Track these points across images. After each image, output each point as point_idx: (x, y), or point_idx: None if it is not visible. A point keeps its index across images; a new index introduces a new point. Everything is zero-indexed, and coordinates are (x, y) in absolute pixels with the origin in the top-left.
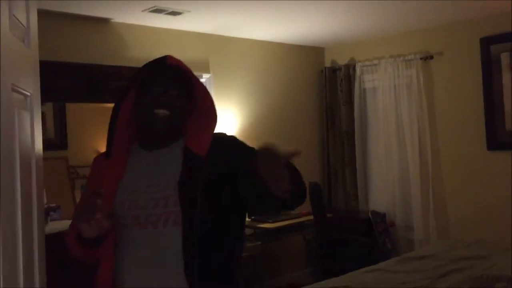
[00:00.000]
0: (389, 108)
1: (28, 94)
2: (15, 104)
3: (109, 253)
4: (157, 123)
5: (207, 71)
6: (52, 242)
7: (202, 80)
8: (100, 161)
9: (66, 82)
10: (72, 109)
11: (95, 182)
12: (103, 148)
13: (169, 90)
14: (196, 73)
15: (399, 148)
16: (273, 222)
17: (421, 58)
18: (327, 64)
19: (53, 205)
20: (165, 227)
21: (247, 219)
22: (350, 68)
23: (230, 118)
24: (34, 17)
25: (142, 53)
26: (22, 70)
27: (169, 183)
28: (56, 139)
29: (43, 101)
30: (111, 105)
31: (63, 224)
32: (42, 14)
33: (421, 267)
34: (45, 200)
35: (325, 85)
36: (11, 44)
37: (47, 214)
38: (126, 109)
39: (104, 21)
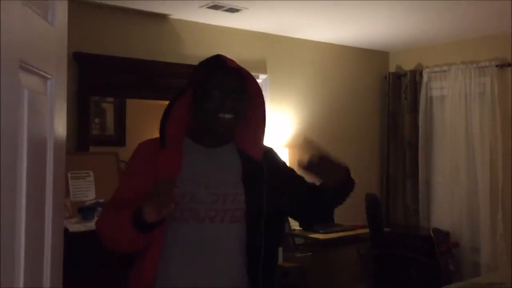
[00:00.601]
0: (458, 118)
1: (49, 76)
2: (23, 84)
3: (158, 242)
4: (221, 126)
5: (264, 72)
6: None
7: (259, 80)
8: (149, 148)
9: (120, 77)
10: (132, 106)
11: (145, 167)
12: None
13: (232, 95)
14: (252, 74)
15: (467, 162)
16: (325, 233)
17: (497, 66)
18: (392, 69)
19: (101, 200)
20: (221, 223)
21: (298, 228)
22: (416, 74)
23: (286, 122)
24: None
25: (198, 51)
26: (39, 49)
27: (229, 181)
28: (116, 136)
29: (96, 95)
30: (165, 102)
31: None
32: (100, 8)
33: None
34: (93, 196)
35: (388, 91)
36: (23, 15)
37: (93, 209)
38: (181, 105)
39: (162, 17)
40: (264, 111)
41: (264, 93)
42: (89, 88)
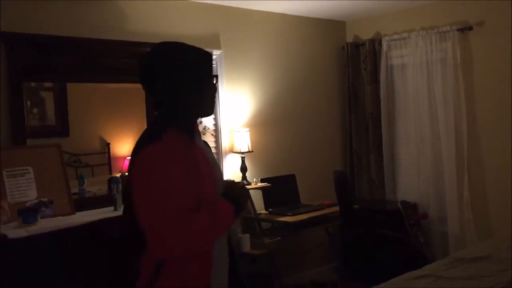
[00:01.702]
0: (420, 87)
1: None
2: None
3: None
4: (212, 109)
5: (218, 47)
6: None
7: (213, 56)
8: (179, 147)
9: (58, 58)
10: (73, 91)
11: (188, 172)
12: (107, 135)
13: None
14: (206, 49)
15: (431, 132)
16: (293, 215)
17: (458, 30)
18: (349, 39)
19: (44, 199)
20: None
21: (265, 211)
22: (375, 43)
23: (244, 100)
24: None
25: (144, 27)
26: None
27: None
28: (58, 126)
29: (31, 80)
30: (113, 85)
31: (56, 222)
32: None
33: (479, 272)
34: (35, 195)
35: (347, 62)
36: None
37: (35, 210)
38: None
39: None
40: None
41: (218, 69)
42: (22, 73)
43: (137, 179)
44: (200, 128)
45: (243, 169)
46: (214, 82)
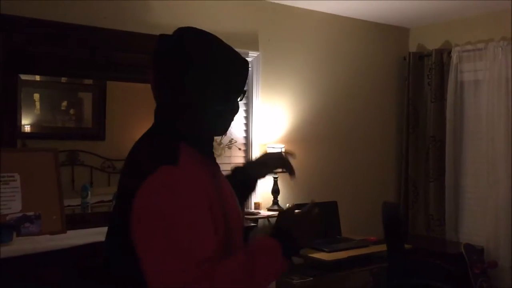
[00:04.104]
0: (497, 107)
1: None
2: None
3: None
4: (225, 131)
5: (255, 49)
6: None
7: (249, 59)
8: (199, 174)
9: (63, 50)
10: (113, 91)
11: (207, 201)
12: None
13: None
14: (241, 51)
15: (506, 162)
16: (331, 251)
17: None
18: (412, 48)
19: (30, 213)
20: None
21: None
22: (443, 54)
23: (280, 112)
24: None
25: (169, 20)
26: None
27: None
28: (94, 129)
29: (28, 72)
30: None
31: (36, 243)
32: None
33: None
34: (19, 207)
35: (408, 75)
36: None
37: (13, 227)
38: None
39: None
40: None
41: (254, 74)
42: (18, 64)
43: (146, 207)
44: (226, 140)
45: (275, 191)
46: (239, 99)
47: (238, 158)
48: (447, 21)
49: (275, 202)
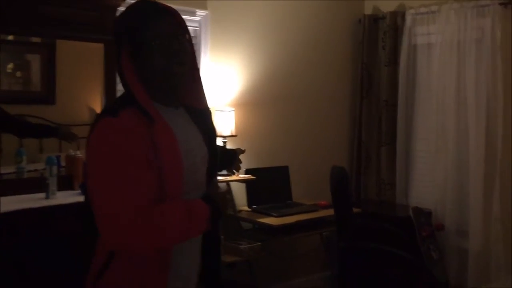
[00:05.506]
0: (448, 72)
1: None
2: None
3: None
4: (178, 80)
5: (203, 7)
6: None
7: (196, 18)
8: (137, 126)
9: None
10: (63, 52)
11: (147, 150)
12: (93, 103)
13: (183, 44)
14: (188, 9)
15: (457, 127)
16: (279, 216)
17: (500, 4)
18: (367, 11)
19: None
20: (207, 187)
21: (247, 209)
22: (397, 16)
23: (230, 74)
24: None
25: None
26: None
27: (201, 141)
28: (43, 92)
29: None
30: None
31: None
32: None
33: None
34: None
35: (362, 39)
36: None
37: None
38: (127, 63)
39: None
40: (196, 59)
41: (202, 35)
42: None
43: (90, 157)
44: None
45: None
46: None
47: None
48: None
49: None
